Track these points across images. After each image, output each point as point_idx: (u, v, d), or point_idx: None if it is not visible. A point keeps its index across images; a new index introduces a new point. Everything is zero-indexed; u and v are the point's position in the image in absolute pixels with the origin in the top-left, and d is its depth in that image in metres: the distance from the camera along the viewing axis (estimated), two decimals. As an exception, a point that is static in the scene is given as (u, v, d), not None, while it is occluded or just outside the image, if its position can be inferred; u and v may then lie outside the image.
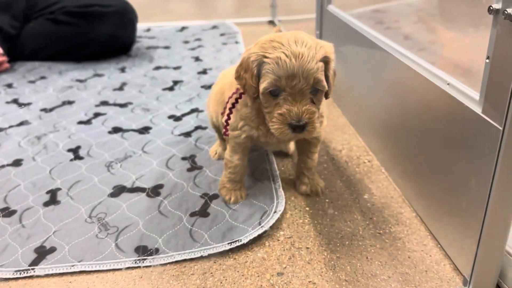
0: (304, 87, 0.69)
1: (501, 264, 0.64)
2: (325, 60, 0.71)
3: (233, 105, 0.83)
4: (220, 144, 1.07)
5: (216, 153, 1.07)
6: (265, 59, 0.69)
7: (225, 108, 0.86)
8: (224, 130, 0.86)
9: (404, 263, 0.74)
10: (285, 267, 0.74)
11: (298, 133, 0.71)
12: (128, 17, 1.88)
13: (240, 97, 0.81)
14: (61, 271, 0.75)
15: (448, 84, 0.71)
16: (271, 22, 2.48)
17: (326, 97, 0.75)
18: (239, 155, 0.87)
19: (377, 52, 1.01)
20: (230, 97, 0.83)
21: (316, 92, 0.71)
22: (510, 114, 0.53)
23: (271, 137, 0.80)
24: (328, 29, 1.43)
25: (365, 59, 1.10)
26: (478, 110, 0.62)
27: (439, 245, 0.77)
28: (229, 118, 0.84)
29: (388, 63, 0.95)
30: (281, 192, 0.92)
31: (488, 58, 0.58)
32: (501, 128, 0.55)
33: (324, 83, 0.70)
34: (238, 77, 0.76)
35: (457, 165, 0.69)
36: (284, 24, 2.35)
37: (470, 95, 0.65)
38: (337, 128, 1.20)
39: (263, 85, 0.70)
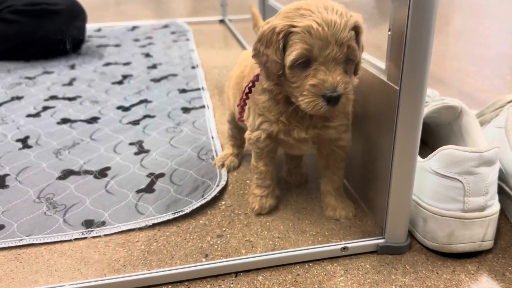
0: (338, 55, 0.65)
1: (409, 213, 0.73)
2: (356, 30, 0.67)
3: (247, 95, 0.78)
4: (231, 154, 1.01)
5: (223, 165, 0.99)
6: (293, 29, 0.65)
7: (240, 98, 0.81)
8: (239, 116, 0.83)
9: (331, 221, 0.82)
10: (224, 230, 0.81)
11: (333, 105, 0.66)
12: (76, 15, 1.89)
13: (253, 85, 0.76)
14: (10, 245, 0.78)
15: (362, 59, 0.80)
16: (222, 21, 2.55)
17: (355, 73, 0.71)
18: (264, 160, 0.83)
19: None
20: (247, 86, 0.78)
21: (348, 62, 0.68)
22: (404, 74, 0.62)
23: (292, 132, 0.75)
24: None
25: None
26: (384, 78, 0.71)
27: (363, 205, 0.86)
28: (245, 103, 0.80)
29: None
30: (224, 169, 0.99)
31: (389, 30, 0.67)
32: (398, 88, 0.64)
33: (357, 52, 0.67)
34: (256, 54, 0.70)
35: (371, 131, 0.78)
36: (234, 23, 2.42)
37: (379, 66, 0.74)
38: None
39: (291, 57, 0.65)
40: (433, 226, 0.72)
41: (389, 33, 0.67)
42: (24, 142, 1.14)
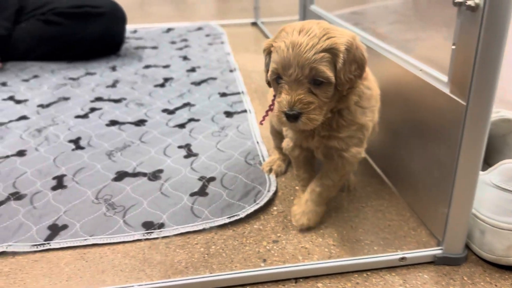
0: (300, 77, 0.68)
1: (468, 226, 0.74)
2: (332, 52, 0.68)
3: (272, 103, 0.81)
4: (278, 159, 1.03)
5: (271, 170, 1.01)
6: (272, 48, 0.71)
7: (270, 106, 0.83)
8: (261, 119, 0.87)
9: (385, 230, 0.83)
10: (279, 236, 0.83)
11: (292, 122, 0.70)
12: (117, 17, 1.94)
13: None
14: (75, 245, 0.82)
15: (420, 70, 0.81)
16: (254, 24, 2.57)
17: (341, 92, 0.71)
18: (302, 169, 0.87)
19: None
20: (274, 94, 0.79)
21: (319, 83, 0.69)
22: (472, 90, 0.63)
23: (306, 140, 0.80)
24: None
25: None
26: (446, 90, 0.72)
27: (415, 215, 0.87)
28: (266, 114, 0.84)
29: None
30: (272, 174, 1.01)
31: (454, 44, 0.68)
32: (465, 104, 0.65)
33: (328, 74, 0.67)
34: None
35: (429, 142, 0.79)
36: (267, 25, 2.45)
37: (439, 78, 0.75)
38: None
39: (268, 73, 0.73)
40: (491, 238, 0.73)
41: (453, 47, 0.68)
42: (77, 143, 1.18)
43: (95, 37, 1.89)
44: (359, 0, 1.61)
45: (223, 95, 1.51)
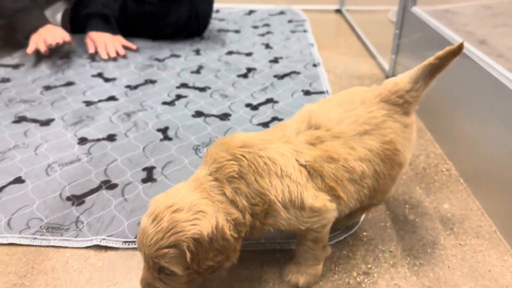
0: (149, 266, 0.65)
1: None
2: (178, 248, 0.62)
3: None
4: None
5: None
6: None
7: None
8: None
9: (485, 276, 0.78)
10: (370, 267, 0.79)
11: None
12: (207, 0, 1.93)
13: None
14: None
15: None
16: (339, 11, 2.48)
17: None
18: None
19: (464, 59, 1.02)
20: None
21: (169, 273, 0.65)
22: None
23: None
24: (409, 30, 1.43)
25: (455, 67, 1.11)
26: None
27: (520, 263, 0.80)
28: None
29: (474, 71, 0.97)
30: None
31: None
32: None
33: (171, 269, 0.63)
34: None
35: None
36: (352, 14, 2.34)
37: None
38: (413, 133, 1.22)
39: None
40: None
41: None
42: (165, 132, 1.20)
43: (183, 18, 1.90)
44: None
45: (307, 93, 1.46)
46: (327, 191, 0.69)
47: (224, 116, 1.30)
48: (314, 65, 1.69)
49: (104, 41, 1.75)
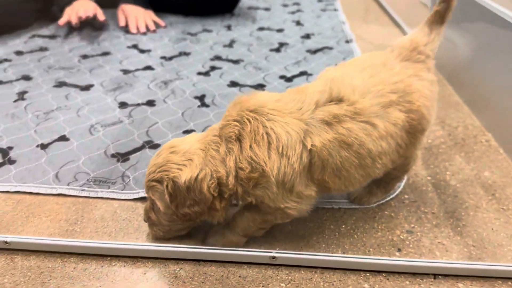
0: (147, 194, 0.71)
1: None
2: (162, 184, 0.67)
3: None
4: None
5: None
6: None
7: None
8: None
9: (531, 239, 0.78)
10: (413, 227, 0.80)
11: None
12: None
13: None
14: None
15: None
16: (368, -7, 2.45)
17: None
18: None
19: (501, 30, 1.00)
20: None
21: (157, 208, 0.71)
22: None
23: None
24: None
25: (493, 38, 1.10)
26: None
27: None
28: None
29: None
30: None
31: None
32: None
33: (157, 203, 0.69)
34: None
35: None
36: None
37: None
38: (450, 106, 1.22)
39: None
40: None
41: None
42: (202, 100, 1.22)
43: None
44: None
45: (341, 67, 1.46)
46: (319, 183, 0.68)
47: (259, 86, 1.31)
48: (347, 41, 1.69)
49: (135, 15, 1.77)
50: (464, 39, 1.26)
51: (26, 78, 1.33)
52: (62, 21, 1.64)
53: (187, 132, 1.06)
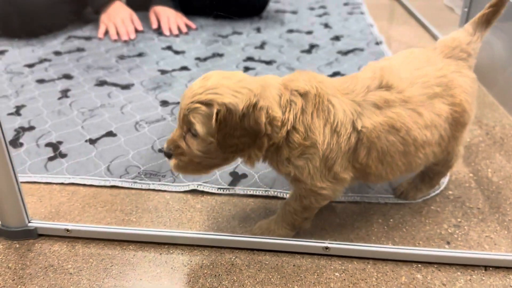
0: (180, 120, 0.66)
1: None
2: (209, 108, 0.62)
3: None
4: None
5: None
6: None
7: None
8: None
9: None
10: (460, 221, 0.81)
11: (169, 160, 0.69)
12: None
13: None
14: (257, 194, 0.87)
15: None
16: (393, -3, 2.46)
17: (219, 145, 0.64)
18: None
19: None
20: None
21: (194, 134, 0.65)
22: None
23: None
24: (481, 6, 1.42)
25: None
26: None
27: None
28: None
29: None
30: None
31: None
32: None
33: (196, 127, 0.63)
34: None
35: None
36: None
37: None
38: (485, 106, 1.23)
39: None
40: None
41: None
42: (240, 98, 1.24)
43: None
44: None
45: (373, 68, 1.48)
46: (361, 168, 0.69)
47: (295, 86, 1.33)
48: (377, 43, 1.70)
49: (167, 17, 1.81)
50: (499, 39, 1.27)
51: (67, 77, 1.38)
52: (100, 32, 1.69)
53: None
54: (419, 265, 0.72)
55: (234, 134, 0.63)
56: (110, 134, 1.07)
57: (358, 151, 0.68)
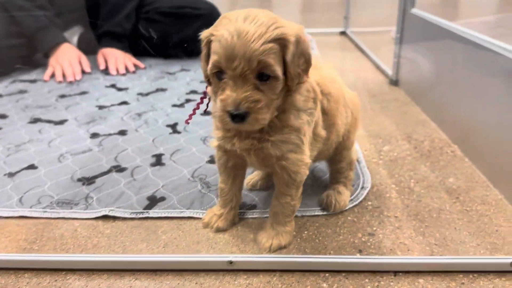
0: (246, 70, 0.59)
1: None
2: (282, 43, 0.60)
3: (202, 99, 0.77)
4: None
5: (249, 181, 0.93)
6: (212, 37, 0.62)
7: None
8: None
9: (492, 235, 0.77)
10: (375, 230, 0.79)
11: (238, 123, 0.61)
12: (214, 20, 2.01)
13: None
14: (172, 215, 0.84)
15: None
16: (343, 33, 2.55)
17: (290, 87, 0.64)
18: (222, 177, 0.79)
19: (464, 45, 1.05)
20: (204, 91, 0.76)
21: (266, 78, 0.60)
22: None
23: (232, 141, 0.69)
24: (410, 31, 1.48)
25: (452, 57, 1.14)
26: None
27: (527, 225, 0.79)
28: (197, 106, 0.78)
29: (483, 58, 0.99)
30: (366, 170, 0.98)
31: None
32: None
33: (275, 68, 0.60)
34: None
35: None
36: (357, 35, 2.41)
37: None
38: (417, 123, 1.24)
39: (209, 66, 0.63)
40: None
41: None
42: (174, 127, 1.24)
43: (191, 38, 1.97)
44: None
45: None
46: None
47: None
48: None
49: (115, 58, 1.83)
50: (426, 61, 1.31)
51: (2, 117, 1.35)
52: (47, 74, 1.70)
53: (155, 156, 1.07)
54: (327, 274, 0.69)
55: (299, 64, 0.62)
56: (31, 167, 1.04)
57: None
